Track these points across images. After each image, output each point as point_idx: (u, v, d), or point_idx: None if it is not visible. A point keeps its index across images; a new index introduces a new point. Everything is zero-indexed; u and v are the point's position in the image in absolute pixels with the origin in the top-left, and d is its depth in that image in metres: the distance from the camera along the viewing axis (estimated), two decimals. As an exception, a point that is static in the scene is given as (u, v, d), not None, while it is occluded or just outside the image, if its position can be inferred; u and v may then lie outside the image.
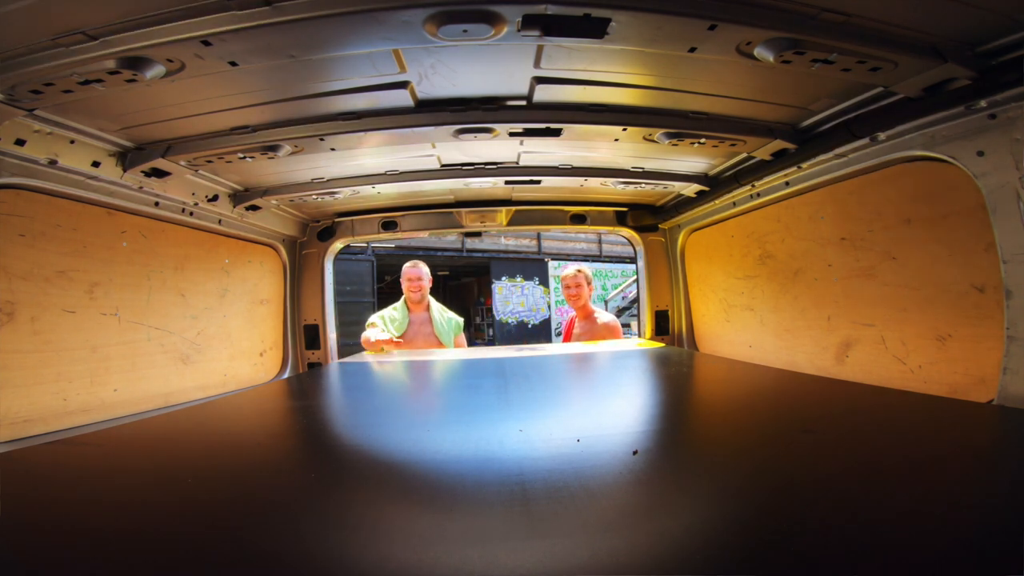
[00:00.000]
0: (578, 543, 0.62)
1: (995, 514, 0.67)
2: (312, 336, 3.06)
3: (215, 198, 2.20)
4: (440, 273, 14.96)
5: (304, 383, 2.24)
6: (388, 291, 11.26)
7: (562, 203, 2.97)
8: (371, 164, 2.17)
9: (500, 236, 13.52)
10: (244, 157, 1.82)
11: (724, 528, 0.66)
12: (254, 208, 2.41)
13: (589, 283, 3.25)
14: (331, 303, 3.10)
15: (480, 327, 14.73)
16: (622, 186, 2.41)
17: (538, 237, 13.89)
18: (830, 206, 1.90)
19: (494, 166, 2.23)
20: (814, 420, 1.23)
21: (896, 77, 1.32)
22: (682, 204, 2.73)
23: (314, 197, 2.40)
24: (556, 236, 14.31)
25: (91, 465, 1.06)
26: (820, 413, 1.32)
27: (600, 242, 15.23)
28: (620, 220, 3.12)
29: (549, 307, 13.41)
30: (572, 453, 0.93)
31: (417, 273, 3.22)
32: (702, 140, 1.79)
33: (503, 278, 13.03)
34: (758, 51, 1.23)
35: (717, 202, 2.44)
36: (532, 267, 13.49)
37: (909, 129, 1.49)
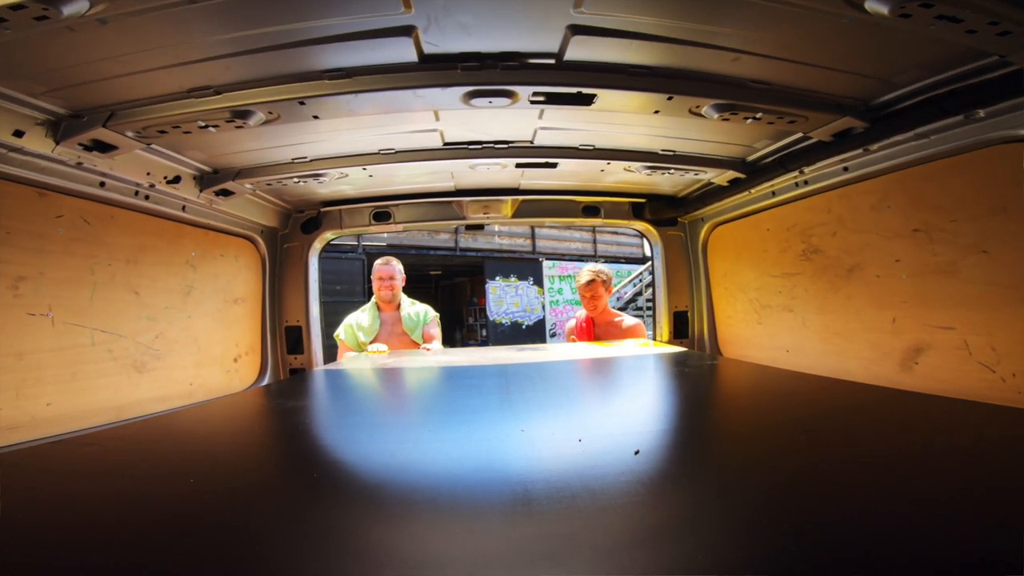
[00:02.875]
0: (579, 542, 0.62)
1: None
2: (295, 339, 2.74)
3: (176, 180, 1.87)
4: (432, 272, 14.61)
5: (284, 389, 1.95)
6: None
7: (574, 193, 2.69)
8: (362, 139, 1.86)
9: (494, 235, 13.23)
10: (206, 126, 1.50)
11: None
12: (225, 193, 2.08)
13: (608, 285, 2.94)
14: (316, 303, 2.78)
15: (473, 327, 14.40)
16: (648, 171, 2.13)
17: (532, 236, 13.63)
18: (899, 194, 1.65)
19: (505, 145, 1.94)
20: (859, 437, 1.03)
21: (1021, 44, 1.08)
22: (708, 195, 2.46)
23: (296, 181, 2.08)
24: (551, 235, 14.06)
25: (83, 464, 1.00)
26: (872, 428, 1.12)
27: (595, 241, 15.02)
28: (636, 213, 2.85)
29: (544, 307, 13.15)
30: (574, 454, 0.93)
31: (389, 271, 2.93)
32: (758, 115, 1.52)
33: (497, 278, 12.73)
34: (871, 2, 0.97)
35: (753, 191, 2.18)
36: (526, 267, 13.22)
37: (1018, 105, 1.24)
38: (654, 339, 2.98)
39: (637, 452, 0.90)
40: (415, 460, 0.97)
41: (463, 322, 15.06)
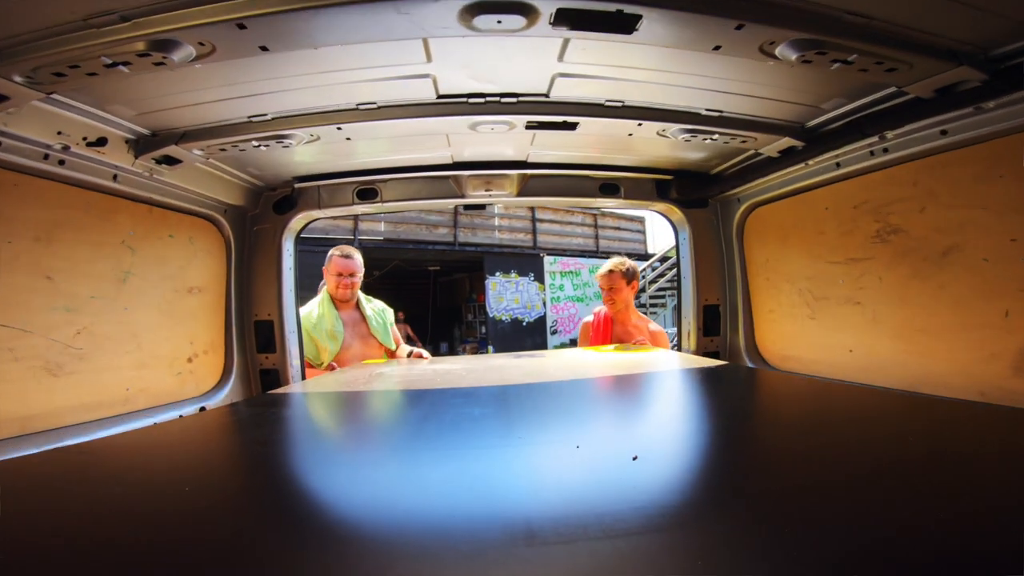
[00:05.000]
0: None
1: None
2: (266, 336, 2.36)
3: (101, 142, 1.49)
4: (431, 268, 14.22)
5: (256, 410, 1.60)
6: (377, 286, 10.57)
7: (590, 167, 2.32)
8: (335, 90, 1.48)
9: (494, 230, 12.84)
10: (114, 64, 1.12)
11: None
12: (170, 161, 1.71)
13: (631, 280, 2.62)
14: (292, 294, 2.40)
15: (472, 325, 14.03)
16: (687, 136, 1.76)
17: (533, 231, 13.25)
18: (1015, 161, 1.29)
19: (514, 99, 1.56)
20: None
21: None
22: (750, 170, 2.09)
23: (255, 145, 1.70)
24: (552, 230, 13.68)
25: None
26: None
27: (596, 237, 14.64)
28: (661, 192, 2.48)
29: (545, 304, 12.79)
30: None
31: (352, 267, 2.59)
32: (851, 58, 1.16)
33: (497, 273, 12.36)
34: None
35: (811, 163, 1.81)
36: (527, 262, 12.84)
37: None
38: (679, 337, 2.62)
39: (635, 458, 0.83)
40: (411, 486, 0.85)
41: (462, 319, 14.69)
